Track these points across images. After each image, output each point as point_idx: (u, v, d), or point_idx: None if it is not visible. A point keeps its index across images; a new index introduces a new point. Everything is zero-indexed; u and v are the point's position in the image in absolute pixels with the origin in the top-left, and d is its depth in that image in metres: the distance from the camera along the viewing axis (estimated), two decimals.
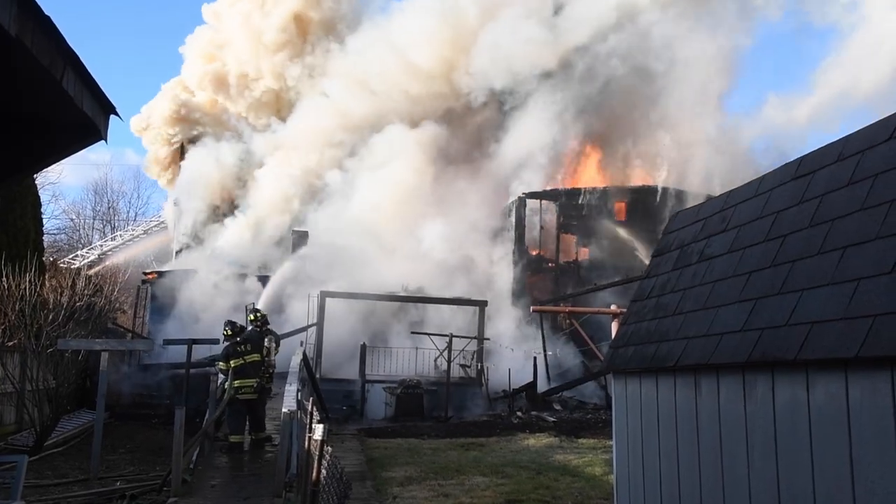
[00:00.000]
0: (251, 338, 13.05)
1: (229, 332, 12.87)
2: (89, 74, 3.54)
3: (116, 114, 3.97)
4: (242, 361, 12.52)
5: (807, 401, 3.44)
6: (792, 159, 4.55)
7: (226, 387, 12.55)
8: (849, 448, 3.15)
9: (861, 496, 3.09)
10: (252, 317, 13.99)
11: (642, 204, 28.85)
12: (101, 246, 43.22)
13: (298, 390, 12.80)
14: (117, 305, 22.43)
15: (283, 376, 13.82)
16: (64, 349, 13.69)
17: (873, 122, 3.82)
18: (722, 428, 4.15)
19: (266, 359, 13.19)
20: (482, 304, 22.39)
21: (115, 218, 52.73)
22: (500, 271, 28.01)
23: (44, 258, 21.31)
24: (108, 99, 3.83)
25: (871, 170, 3.59)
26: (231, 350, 12.61)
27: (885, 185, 3.42)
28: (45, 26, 3.05)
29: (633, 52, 28.64)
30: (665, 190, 28.49)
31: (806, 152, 4.40)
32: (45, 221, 24.54)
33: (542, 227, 29.91)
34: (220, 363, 12.86)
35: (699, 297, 4.71)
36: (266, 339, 13.32)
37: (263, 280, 27.08)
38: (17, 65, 3.16)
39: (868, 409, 3.06)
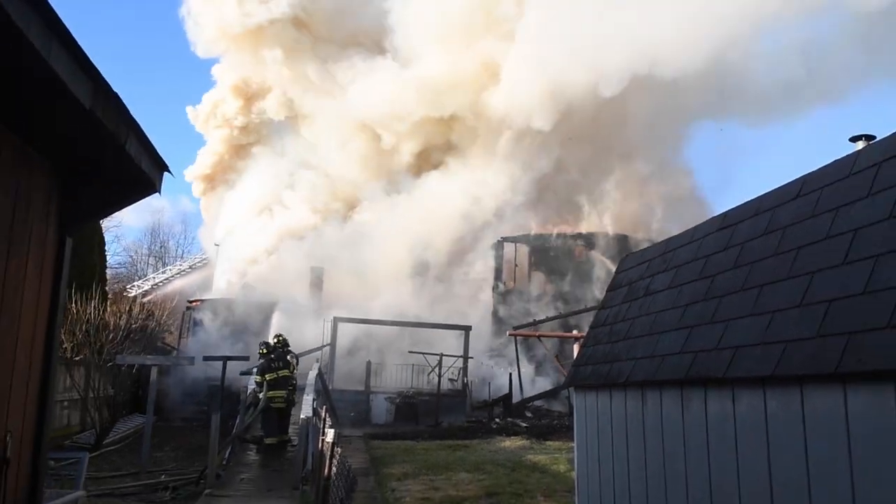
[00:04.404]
0: (280, 356, 12.98)
1: (265, 351, 12.85)
2: (148, 139, 3.55)
3: (169, 171, 3.97)
4: (276, 376, 12.42)
5: (733, 412, 3.42)
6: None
7: (260, 396, 12.43)
8: (767, 451, 3.13)
9: (777, 491, 3.07)
10: (275, 340, 13.91)
11: (596, 246, 29.01)
12: (154, 278, 42.89)
13: (314, 400, 12.66)
14: (166, 328, 22.21)
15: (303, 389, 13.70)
16: (121, 363, 13.62)
17: (784, 183, 3.87)
18: (664, 434, 4.11)
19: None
20: (467, 329, 22.39)
21: (166, 255, 52.49)
22: (482, 301, 27.97)
23: (106, 288, 21.11)
24: (162, 159, 3.83)
25: (782, 222, 3.63)
26: (266, 365, 12.54)
27: (793, 235, 3.46)
28: (114, 101, 3.07)
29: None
30: (617, 236, 28.66)
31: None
32: (108, 258, 24.30)
33: (516, 265, 30.04)
34: (257, 376, 12.76)
35: (645, 325, 4.71)
36: (289, 357, 13.24)
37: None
38: (88, 131, 3.17)
39: (783, 418, 3.05)
